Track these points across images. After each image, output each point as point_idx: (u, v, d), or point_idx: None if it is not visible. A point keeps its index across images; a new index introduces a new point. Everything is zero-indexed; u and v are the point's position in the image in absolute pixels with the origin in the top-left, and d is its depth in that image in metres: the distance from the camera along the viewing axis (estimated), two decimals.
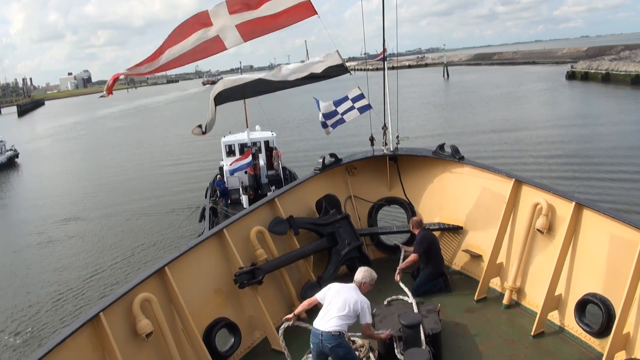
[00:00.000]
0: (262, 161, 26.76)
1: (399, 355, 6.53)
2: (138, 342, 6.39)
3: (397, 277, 8.76)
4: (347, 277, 9.31)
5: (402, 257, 9.39)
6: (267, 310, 7.86)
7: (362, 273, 6.54)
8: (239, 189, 25.93)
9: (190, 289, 7.31)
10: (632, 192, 24.55)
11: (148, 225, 28.01)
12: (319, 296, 6.52)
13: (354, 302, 6.23)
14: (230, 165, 24.36)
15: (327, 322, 6.17)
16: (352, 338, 7.45)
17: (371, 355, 7.05)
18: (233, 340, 7.57)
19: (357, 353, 7.02)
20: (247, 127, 28.47)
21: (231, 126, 33.16)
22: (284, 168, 28.50)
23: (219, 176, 27.74)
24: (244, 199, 24.56)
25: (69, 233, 28.43)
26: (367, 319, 6.29)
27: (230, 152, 28.33)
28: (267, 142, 29.02)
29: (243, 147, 27.65)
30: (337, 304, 6.23)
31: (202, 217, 25.97)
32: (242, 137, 28.06)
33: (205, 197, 28.52)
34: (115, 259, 23.37)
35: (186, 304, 6.95)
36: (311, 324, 6.40)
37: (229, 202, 25.73)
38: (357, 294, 6.37)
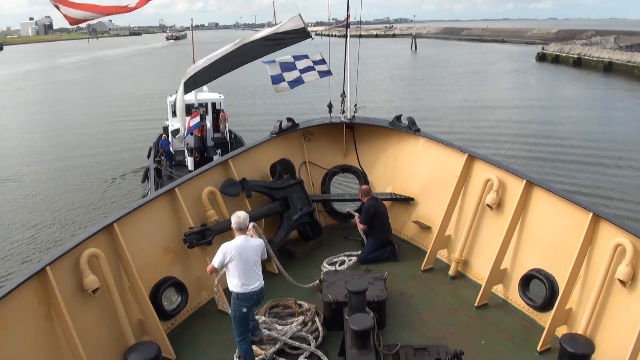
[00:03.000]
0: (208, 123, 26.35)
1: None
2: (84, 297, 6.31)
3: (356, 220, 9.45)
4: (298, 242, 9.42)
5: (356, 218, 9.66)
6: None
7: (242, 220, 6.40)
8: (184, 151, 25.52)
9: (139, 246, 7.22)
10: (588, 174, 25.16)
11: (86, 186, 26.75)
12: (217, 263, 6.26)
13: (256, 250, 6.35)
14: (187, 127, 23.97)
15: (254, 280, 6.26)
16: (298, 302, 7.58)
17: (317, 319, 7.18)
18: (180, 299, 7.56)
19: (302, 317, 7.17)
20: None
21: (177, 85, 32.04)
22: (230, 131, 28.04)
23: (164, 136, 26.97)
24: (189, 161, 24.16)
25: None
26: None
27: (176, 112, 27.78)
28: (214, 104, 28.38)
29: (189, 107, 27.12)
30: (251, 261, 6.25)
31: (146, 177, 25.40)
32: (189, 97, 27.41)
33: (148, 157, 27.70)
34: (52, 220, 22.33)
35: (134, 261, 6.87)
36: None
37: (174, 163, 25.16)
38: (253, 240, 6.43)
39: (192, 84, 9.08)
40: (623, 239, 6.17)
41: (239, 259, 6.18)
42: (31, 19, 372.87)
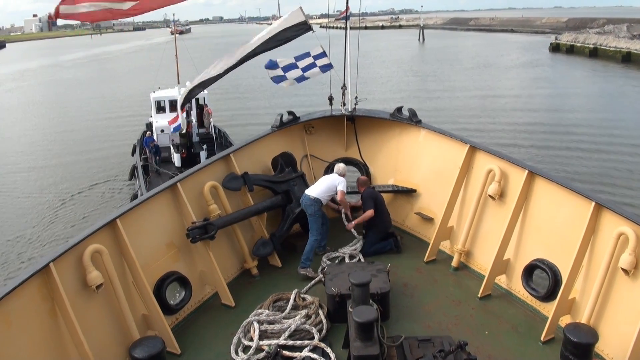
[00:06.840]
0: (193, 119, 26.38)
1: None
2: (88, 293, 6.33)
3: (351, 226, 9.20)
4: (301, 236, 9.42)
5: (343, 215, 9.46)
6: (219, 265, 7.87)
7: (340, 168, 9.27)
8: (170, 147, 25.50)
9: (142, 242, 7.23)
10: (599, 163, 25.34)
11: (71, 188, 26.75)
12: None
13: (331, 179, 8.94)
14: (170, 123, 24.06)
15: (310, 190, 8.78)
16: (302, 295, 7.59)
17: (320, 311, 7.19)
18: (184, 294, 7.58)
19: (306, 310, 7.19)
20: (179, 83, 27.86)
21: (160, 82, 31.88)
22: (214, 127, 28.18)
23: (148, 133, 27.05)
24: (176, 157, 24.19)
25: None
26: (341, 188, 8.83)
27: (159, 108, 27.72)
28: (197, 100, 28.27)
29: (172, 103, 27.01)
30: (320, 182, 8.96)
31: (132, 175, 25.42)
32: (172, 93, 27.13)
33: (132, 155, 27.63)
34: (35, 226, 22.32)
35: (137, 256, 6.88)
36: None
37: (160, 159, 25.38)
38: (336, 176, 9.02)
39: (199, 88, 9.33)
40: (626, 227, 6.14)
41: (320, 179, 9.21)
42: (35, 15, 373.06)
